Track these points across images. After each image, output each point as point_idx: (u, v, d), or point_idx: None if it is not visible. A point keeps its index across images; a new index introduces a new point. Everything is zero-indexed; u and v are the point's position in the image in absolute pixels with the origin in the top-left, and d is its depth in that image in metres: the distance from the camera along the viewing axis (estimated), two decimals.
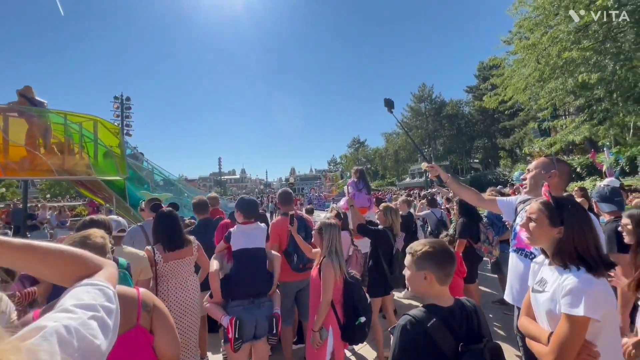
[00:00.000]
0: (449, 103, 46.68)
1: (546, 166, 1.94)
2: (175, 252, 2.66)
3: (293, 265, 3.04)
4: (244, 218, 2.63)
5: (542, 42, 12.71)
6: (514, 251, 1.94)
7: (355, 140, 68.51)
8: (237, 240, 2.56)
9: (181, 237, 2.74)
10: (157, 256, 2.60)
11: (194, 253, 2.81)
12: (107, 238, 1.50)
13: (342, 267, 2.38)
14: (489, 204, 2.27)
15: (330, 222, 2.50)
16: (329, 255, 2.38)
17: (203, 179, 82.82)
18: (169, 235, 2.67)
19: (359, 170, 4.64)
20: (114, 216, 2.59)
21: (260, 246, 2.59)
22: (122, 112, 17.57)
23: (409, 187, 33.50)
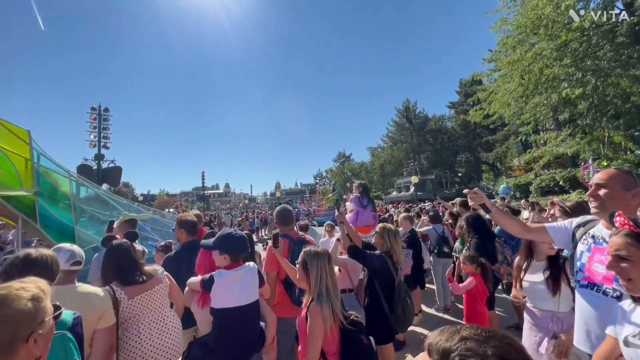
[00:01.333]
0: (432, 118, 47.80)
1: (627, 182, 1.50)
2: (139, 285, 2.13)
3: (294, 298, 2.56)
4: (231, 261, 2.01)
5: (525, 59, 13.05)
6: (584, 287, 1.54)
7: (341, 154, 68.71)
8: (220, 294, 1.91)
9: (136, 272, 2.18)
10: (119, 293, 2.05)
11: (163, 280, 2.29)
12: (47, 292, 0.99)
13: (335, 311, 1.80)
14: (537, 234, 1.84)
15: (316, 250, 1.96)
16: (317, 298, 1.81)
17: (185, 194, 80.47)
18: (118, 274, 2.15)
19: (362, 184, 4.24)
20: (66, 245, 2.02)
21: (251, 300, 2.00)
22: (100, 124, 16.67)
23: (395, 201, 33.53)
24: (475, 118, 17.89)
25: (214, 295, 1.91)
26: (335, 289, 1.88)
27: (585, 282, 1.53)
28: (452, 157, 45.63)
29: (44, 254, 1.43)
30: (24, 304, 0.88)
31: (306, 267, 1.92)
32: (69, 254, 1.91)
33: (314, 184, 74.82)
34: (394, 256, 2.69)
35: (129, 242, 2.36)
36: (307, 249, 1.99)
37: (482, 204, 1.91)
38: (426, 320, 4.71)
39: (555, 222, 1.84)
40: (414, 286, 4.66)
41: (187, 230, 3.08)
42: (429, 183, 36.25)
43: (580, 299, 1.55)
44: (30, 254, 1.40)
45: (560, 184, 18.78)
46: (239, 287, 1.94)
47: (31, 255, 1.39)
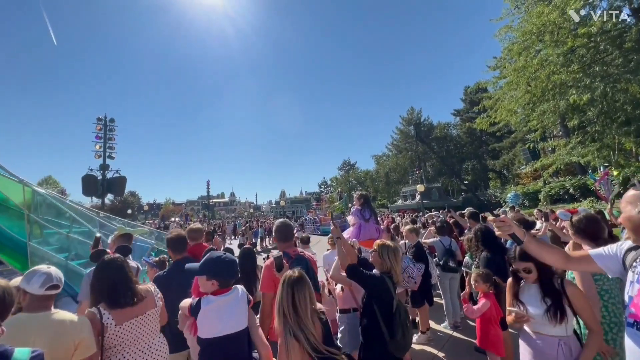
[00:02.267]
0: (437, 126, 47.59)
1: None
2: (130, 308, 1.97)
3: None
4: (219, 286, 1.86)
5: (531, 66, 12.88)
6: (630, 326, 1.29)
7: (346, 162, 68.58)
8: (206, 323, 1.77)
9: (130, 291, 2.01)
10: (106, 317, 1.88)
11: (156, 304, 2.13)
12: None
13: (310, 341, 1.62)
14: (582, 263, 1.58)
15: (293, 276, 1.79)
16: (286, 331, 1.64)
17: (191, 203, 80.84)
18: (109, 293, 1.97)
19: (362, 196, 4.07)
20: (42, 267, 1.87)
21: (241, 327, 1.85)
22: (105, 134, 16.86)
23: (401, 210, 33.14)
24: (482, 126, 17.66)
25: (199, 323, 1.76)
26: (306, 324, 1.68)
27: (632, 319, 1.29)
28: (458, 165, 45.19)
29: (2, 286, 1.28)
30: None
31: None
32: (45, 277, 1.76)
33: (319, 192, 74.60)
34: (394, 277, 2.48)
35: (122, 257, 2.21)
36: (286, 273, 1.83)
37: (511, 234, 1.65)
38: (435, 339, 4.47)
39: (603, 247, 1.55)
40: (421, 302, 4.44)
41: (173, 248, 2.92)
42: (435, 191, 35.84)
43: (629, 342, 1.31)
44: None
45: (570, 192, 18.37)
46: (226, 314, 1.79)
47: None
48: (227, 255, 1.95)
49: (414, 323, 4.91)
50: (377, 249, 2.57)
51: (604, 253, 1.50)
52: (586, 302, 1.88)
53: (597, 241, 2.19)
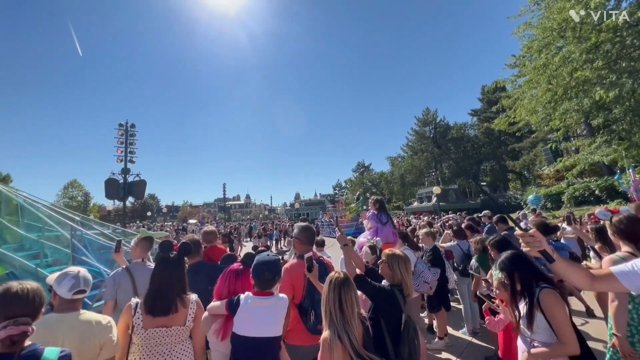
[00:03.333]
0: (454, 126, 46.70)
1: None
2: (161, 317, 1.95)
3: (309, 325, 2.37)
4: (259, 288, 1.90)
5: (552, 63, 12.45)
6: None
7: (360, 164, 68.25)
8: (244, 320, 1.79)
9: (172, 297, 2.00)
10: (137, 317, 1.91)
11: (186, 322, 2.03)
12: None
13: (353, 344, 1.60)
14: (606, 283, 1.46)
15: (341, 276, 1.81)
16: (330, 329, 1.64)
17: (207, 205, 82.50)
18: (153, 293, 1.98)
19: (378, 200, 4.04)
20: (72, 270, 1.92)
21: (275, 334, 1.85)
22: (126, 139, 17.49)
23: (417, 212, 32.64)
24: (500, 126, 17.21)
25: (237, 319, 1.78)
26: (355, 322, 1.69)
27: None
28: (476, 166, 44.14)
29: (25, 287, 1.33)
30: None
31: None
32: (73, 282, 1.82)
33: (333, 194, 74.53)
34: (405, 289, 2.30)
35: (179, 259, 2.17)
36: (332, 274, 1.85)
37: (541, 251, 1.45)
38: (453, 344, 4.36)
39: (625, 264, 1.43)
40: (438, 307, 4.35)
41: None
42: (452, 193, 35.12)
43: None
44: (10, 288, 1.30)
45: (595, 193, 17.56)
46: (265, 316, 1.81)
47: (11, 289, 1.30)
48: (270, 255, 1.98)
49: (431, 328, 4.82)
50: (387, 260, 2.42)
51: (627, 270, 1.39)
52: (559, 313, 1.87)
53: (637, 243, 2.14)
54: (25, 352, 1.24)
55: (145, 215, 54.45)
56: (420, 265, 3.73)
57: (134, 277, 2.79)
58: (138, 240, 3.28)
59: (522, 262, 2.07)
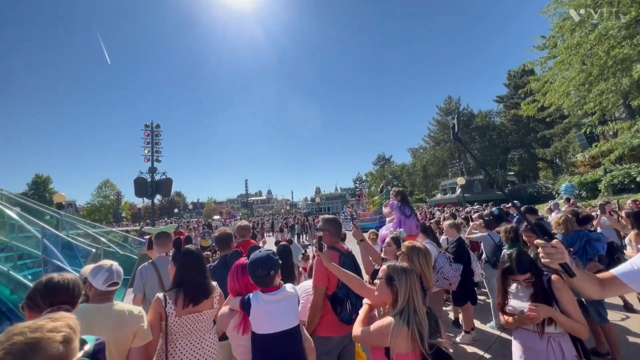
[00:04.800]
0: (478, 114, 44.88)
1: None
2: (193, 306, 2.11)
3: (343, 316, 2.34)
4: (260, 286, 1.91)
5: (587, 42, 11.61)
6: None
7: (381, 157, 67.33)
8: (259, 319, 1.81)
9: (208, 285, 2.21)
10: (169, 307, 2.05)
11: (214, 305, 2.24)
12: (76, 331, 0.98)
13: (415, 337, 1.56)
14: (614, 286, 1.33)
15: (403, 266, 1.76)
16: (399, 314, 1.62)
17: (231, 201, 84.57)
18: (194, 282, 2.15)
19: (400, 192, 3.95)
20: (105, 264, 2.03)
21: (292, 325, 1.87)
22: (152, 139, 18.26)
23: (441, 204, 31.85)
24: (529, 111, 16.37)
25: (252, 318, 1.81)
26: (423, 314, 1.66)
27: None
28: (503, 155, 42.30)
29: (66, 278, 1.44)
30: (56, 348, 0.87)
31: (392, 283, 1.72)
32: (107, 276, 1.93)
33: (353, 187, 74.16)
34: (425, 282, 2.27)
35: (199, 250, 2.35)
36: (393, 264, 1.80)
37: (562, 264, 1.31)
38: (481, 339, 4.24)
39: (629, 263, 1.31)
40: (463, 301, 4.24)
41: (219, 244, 3.11)
42: (477, 184, 33.96)
43: None
44: (52, 278, 1.42)
45: (637, 180, 16.35)
46: (278, 310, 1.83)
47: (53, 279, 1.41)
48: (263, 252, 1.96)
49: (457, 322, 4.71)
50: (407, 252, 2.38)
51: (627, 269, 1.28)
52: (571, 300, 1.93)
53: None
54: None
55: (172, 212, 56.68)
56: (441, 260, 3.62)
57: (160, 271, 2.96)
58: (152, 238, 3.44)
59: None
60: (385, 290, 1.74)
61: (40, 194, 36.05)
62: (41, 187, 37.09)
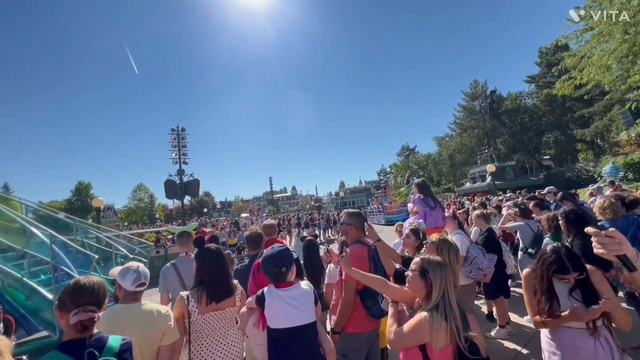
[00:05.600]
0: (508, 97, 42.52)
1: None
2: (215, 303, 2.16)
3: (375, 310, 2.28)
4: (274, 281, 1.89)
5: (630, 8, 10.56)
6: None
7: (405, 147, 65.89)
8: (273, 313, 1.81)
9: (229, 283, 2.26)
10: (192, 305, 2.12)
11: (236, 303, 2.27)
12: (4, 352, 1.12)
13: (454, 330, 1.52)
14: None
15: (437, 259, 1.72)
16: (434, 309, 1.57)
17: (257, 199, 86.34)
18: (215, 280, 2.20)
19: (421, 183, 3.79)
20: (133, 265, 2.07)
21: (307, 321, 1.84)
22: (179, 142, 18.98)
23: (470, 193, 30.65)
24: (564, 90, 15.19)
25: (267, 312, 1.82)
26: (456, 308, 1.61)
27: None
28: (537, 139, 39.86)
29: (92, 280, 1.49)
30: None
31: (426, 276, 1.67)
32: (135, 277, 2.00)
33: (378, 180, 73.23)
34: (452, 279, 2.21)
35: (220, 248, 2.41)
36: (427, 257, 1.74)
37: (620, 256, 1.14)
38: (517, 333, 4.02)
39: None
40: (496, 294, 4.03)
41: (249, 244, 3.17)
42: (509, 170, 32.28)
43: None
44: (79, 281, 1.47)
45: None
46: (292, 306, 1.81)
47: (79, 282, 1.47)
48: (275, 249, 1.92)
49: (490, 315, 4.50)
50: (437, 243, 2.29)
51: None
52: (611, 291, 1.84)
53: None
54: (93, 339, 1.40)
55: (202, 212, 58.86)
56: (474, 250, 3.44)
57: (180, 271, 3.08)
58: (177, 237, 3.55)
59: None
60: (418, 283, 1.69)
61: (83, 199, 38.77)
62: (83, 193, 39.85)
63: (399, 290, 1.90)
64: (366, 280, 2.02)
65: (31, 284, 4.61)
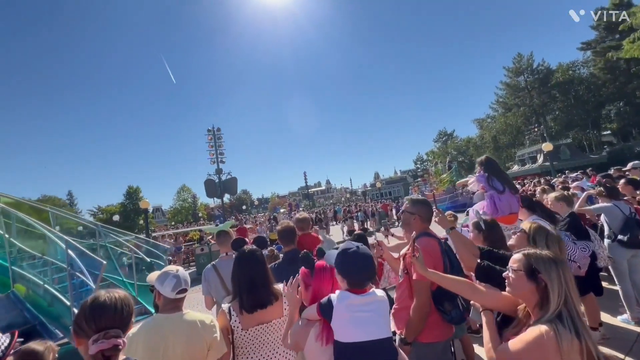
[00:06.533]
0: (558, 68, 38.47)
1: None
2: (257, 312, 1.88)
3: (454, 314, 1.90)
4: (348, 285, 1.53)
5: None
6: None
7: (442, 132, 62.64)
8: (343, 324, 1.46)
9: (268, 290, 1.96)
10: (234, 320, 1.87)
11: (284, 313, 1.97)
12: None
13: (589, 347, 1.13)
14: None
15: (550, 255, 1.32)
16: (556, 319, 1.17)
17: (292, 194, 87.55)
18: (253, 286, 1.92)
19: (485, 160, 3.19)
20: (172, 269, 1.86)
21: (384, 335, 1.47)
22: (215, 142, 19.49)
23: (519, 177, 28.28)
24: (633, 52, 13.27)
25: (335, 324, 1.46)
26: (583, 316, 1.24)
27: None
28: (595, 112, 35.70)
29: (113, 296, 1.22)
30: None
31: (536, 276, 1.28)
32: (175, 282, 1.77)
33: (414, 169, 70.67)
34: None
35: (260, 250, 2.14)
36: (534, 252, 1.35)
37: None
38: (613, 337, 3.36)
39: None
40: (585, 292, 3.38)
41: (281, 239, 2.87)
42: (564, 149, 29.27)
43: None
44: (98, 298, 1.20)
45: None
46: (366, 316, 1.46)
47: (99, 299, 1.20)
48: (362, 248, 1.58)
49: None
50: (531, 233, 1.85)
51: None
52: None
53: None
54: None
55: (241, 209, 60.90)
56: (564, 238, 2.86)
57: (220, 272, 2.91)
58: (216, 237, 3.41)
59: None
60: (525, 287, 1.29)
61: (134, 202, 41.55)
62: (133, 196, 42.71)
63: (494, 296, 1.48)
64: (448, 284, 1.63)
65: (52, 290, 4.68)
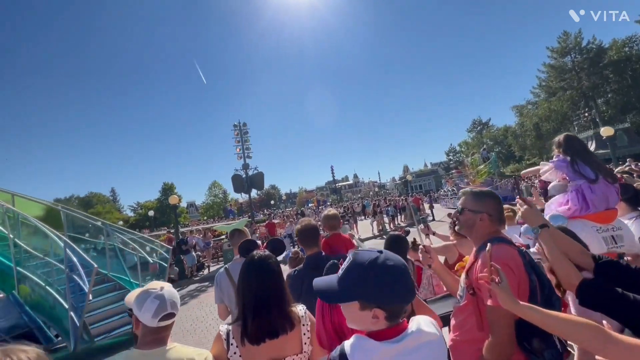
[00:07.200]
0: (612, 46, 34.49)
1: None
2: (266, 343, 1.32)
3: (546, 358, 1.24)
4: (387, 320, 0.90)
5: None
6: None
7: (476, 121, 59.23)
8: None
9: (282, 311, 1.38)
10: (232, 352, 1.32)
11: (303, 347, 1.39)
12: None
13: None
14: None
15: None
16: None
17: (320, 189, 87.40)
18: (255, 310, 1.35)
19: (566, 140, 2.40)
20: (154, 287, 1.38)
21: None
22: (242, 138, 19.45)
23: None
24: None
25: None
26: None
27: None
28: None
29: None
30: None
31: None
32: (157, 305, 1.29)
33: (446, 161, 67.60)
34: None
35: (275, 258, 1.53)
36: None
37: None
38: None
39: None
40: None
41: (302, 241, 2.25)
42: (621, 135, 26.24)
43: None
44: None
45: None
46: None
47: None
48: (390, 258, 0.94)
49: None
50: None
51: None
52: None
53: None
54: None
55: (269, 204, 61.70)
56: None
57: (233, 277, 2.52)
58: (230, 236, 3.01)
59: None
60: None
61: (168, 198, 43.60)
62: (168, 193, 44.57)
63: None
64: (557, 326, 0.98)
65: (52, 292, 4.62)
